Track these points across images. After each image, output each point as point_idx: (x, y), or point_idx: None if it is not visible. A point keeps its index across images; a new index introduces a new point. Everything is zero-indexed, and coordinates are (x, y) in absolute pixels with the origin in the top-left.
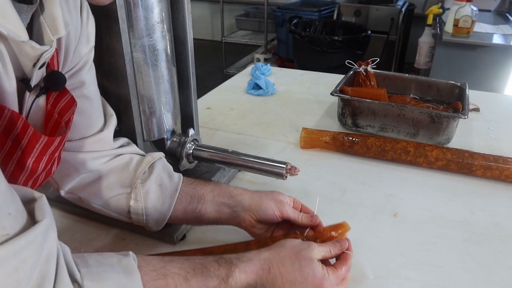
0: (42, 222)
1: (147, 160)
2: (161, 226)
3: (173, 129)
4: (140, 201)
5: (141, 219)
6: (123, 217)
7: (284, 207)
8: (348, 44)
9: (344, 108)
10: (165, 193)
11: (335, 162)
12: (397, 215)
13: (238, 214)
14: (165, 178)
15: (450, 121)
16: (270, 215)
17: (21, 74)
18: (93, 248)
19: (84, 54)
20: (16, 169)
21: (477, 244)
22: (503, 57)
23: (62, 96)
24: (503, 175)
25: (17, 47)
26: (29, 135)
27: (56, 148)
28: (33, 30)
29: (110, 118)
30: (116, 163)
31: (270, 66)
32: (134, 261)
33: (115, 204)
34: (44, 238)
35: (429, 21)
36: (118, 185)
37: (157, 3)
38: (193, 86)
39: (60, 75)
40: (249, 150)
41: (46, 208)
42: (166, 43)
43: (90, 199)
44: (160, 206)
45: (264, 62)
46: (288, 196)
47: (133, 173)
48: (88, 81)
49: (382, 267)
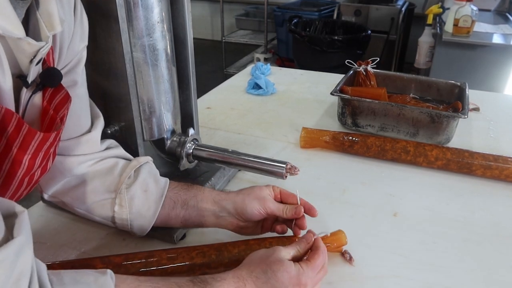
0: (16, 239)
1: (132, 164)
2: (146, 232)
3: (173, 128)
4: (124, 207)
5: (126, 224)
6: (107, 222)
7: (267, 203)
8: (348, 44)
9: (344, 107)
10: (150, 198)
11: (335, 162)
12: (397, 215)
13: (224, 219)
14: (151, 183)
15: (450, 121)
16: (256, 215)
17: (17, 70)
18: (93, 248)
19: (78, 52)
20: (13, 167)
21: (477, 244)
22: (503, 56)
23: (58, 92)
24: (503, 175)
25: (14, 43)
26: (24, 132)
27: (51, 143)
28: (29, 26)
29: (97, 119)
30: (100, 166)
31: (270, 65)
32: (111, 279)
33: (99, 209)
34: (16, 257)
35: (429, 21)
36: (103, 190)
37: (157, 3)
38: (193, 86)
39: (56, 71)
40: (249, 149)
41: (25, 224)
42: (166, 43)
43: (74, 203)
44: (145, 212)
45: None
46: (267, 188)
47: (118, 178)
48: (80, 81)
49: (382, 267)
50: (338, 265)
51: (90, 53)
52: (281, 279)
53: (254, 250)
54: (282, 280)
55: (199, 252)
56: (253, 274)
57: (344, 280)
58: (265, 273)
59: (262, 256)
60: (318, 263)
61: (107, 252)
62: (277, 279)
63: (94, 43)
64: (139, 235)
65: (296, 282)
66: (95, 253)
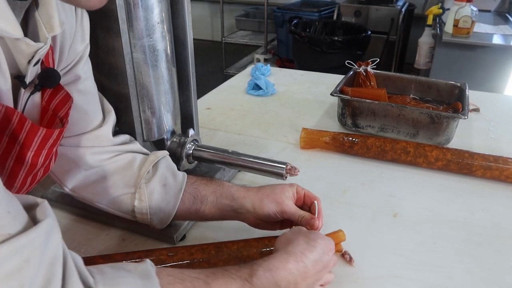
0: (44, 221)
1: (150, 159)
2: (166, 225)
3: (173, 129)
4: (144, 201)
5: (146, 218)
6: (128, 216)
7: (285, 208)
8: (348, 45)
9: (344, 108)
10: (170, 192)
11: (335, 163)
12: (397, 215)
13: (242, 215)
14: (169, 178)
15: (450, 122)
16: (272, 217)
17: (16, 71)
18: (93, 248)
19: (80, 52)
20: (16, 164)
21: (477, 244)
22: (503, 57)
23: (57, 93)
24: (503, 175)
25: (12, 44)
26: (27, 128)
27: (54, 141)
28: (28, 27)
29: (108, 114)
30: (119, 162)
31: (270, 66)
32: (152, 267)
33: (119, 203)
34: (47, 238)
35: (429, 22)
36: (122, 185)
37: (157, 4)
38: (193, 87)
39: (54, 72)
40: (249, 150)
41: (48, 210)
42: (166, 44)
43: (94, 198)
44: (165, 206)
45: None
46: (290, 188)
47: (137, 173)
48: (84, 76)
49: (382, 267)
50: (338, 265)
51: (90, 53)
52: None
53: (253, 247)
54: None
55: (199, 248)
56: (300, 249)
57: (344, 280)
58: (308, 244)
59: (295, 233)
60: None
61: (106, 252)
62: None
63: (95, 43)
64: (160, 228)
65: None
66: (95, 253)
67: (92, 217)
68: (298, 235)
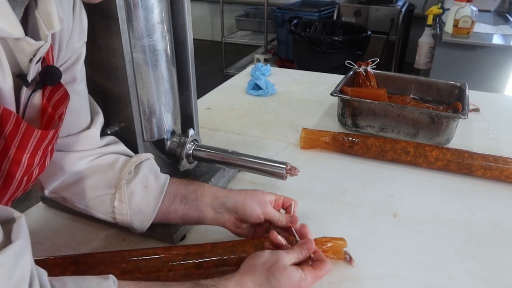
0: (15, 243)
1: (133, 160)
2: (146, 228)
3: (173, 129)
4: (124, 202)
5: (126, 219)
6: (108, 218)
7: (267, 209)
8: (348, 45)
9: (344, 108)
10: (150, 194)
11: (335, 163)
12: (397, 215)
13: (222, 215)
14: (151, 179)
15: (450, 122)
16: (254, 217)
17: (17, 70)
18: (93, 248)
19: (77, 49)
20: (12, 166)
21: (477, 244)
22: (503, 57)
23: (57, 90)
24: (503, 175)
25: (13, 43)
26: (22, 130)
27: (49, 141)
28: (28, 25)
29: (96, 116)
30: (101, 162)
31: (270, 66)
32: (114, 284)
33: (99, 204)
34: (16, 260)
35: (429, 22)
36: (103, 185)
37: (157, 4)
38: (193, 87)
39: (55, 70)
40: (249, 150)
41: (23, 229)
42: (166, 44)
43: (74, 199)
44: (145, 208)
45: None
46: (270, 194)
47: (118, 174)
48: (80, 77)
49: (382, 267)
50: (338, 265)
51: (90, 53)
52: (284, 286)
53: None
54: (284, 287)
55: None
56: (257, 282)
57: (344, 280)
58: (269, 281)
59: (265, 263)
60: (321, 275)
61: None
62: (281, 287)
63: (94, 43)
64: (139, 232)
65: (296, 287)
66: None
67: (91, 217)
68: (262, 268)
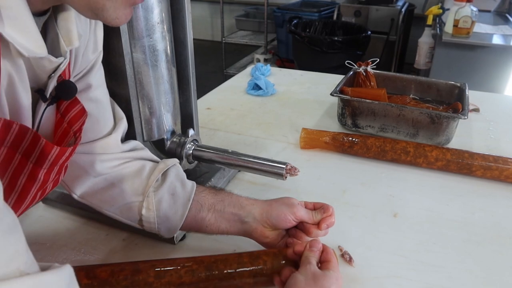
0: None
1: (160, 167)
2: (174, 234)
3: (173, 129)
4: (152, 210)
5: (153, 227)
6: (135, 224)
7: (296, 208)
8: (348, 45)
9: (344, 108)
10: (178, 202)
11: (335, 163)
12: (397, 215)
13: (249, 224)
14: (178, 187)
15: (450, 122)
16: (283, 219)
17: (36, 85)
18: (93, 248)
19: (92, 60)
20: (28, 182)
21: (477, 244)
22: (503, 57)
23: (73, 106)
24: (503, 176)
25: (35, 60)
26: (41, 146)
27: (66, 158)
28: (47, 40)
29: (119, 121)
30: (128, 169)
31: (270, 66)
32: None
33: (126, 212)
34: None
35: (429, 22)
36: (130, 193)
37: (157, 4)
38: (193, 87)
39: (71, 84)
40: (249, 150)
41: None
42: (166, 44)
43: (102, 205)
44: (172, 215)
45: (264, 62)
46: (296, 199)
47: (146, 181)
48: (95, 84)
49: (382, 267)
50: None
51: None
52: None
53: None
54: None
55: (188, 270)
56: None
57: (344, 281)
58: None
59: (307, 281)
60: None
61: (106, 252)
62: None
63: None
64: (168, 237)
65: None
66: (95, 253)
67: (92, 217)
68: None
